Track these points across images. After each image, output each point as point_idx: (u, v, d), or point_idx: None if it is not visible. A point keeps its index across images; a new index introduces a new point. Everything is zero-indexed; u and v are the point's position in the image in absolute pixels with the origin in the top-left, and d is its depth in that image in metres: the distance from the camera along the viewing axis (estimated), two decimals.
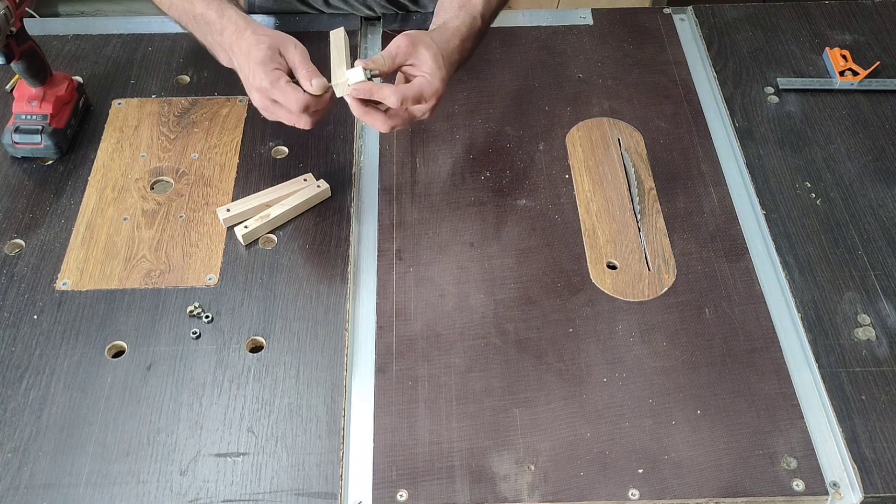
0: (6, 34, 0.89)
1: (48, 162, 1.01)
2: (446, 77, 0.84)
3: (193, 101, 1.07)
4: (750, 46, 1.16)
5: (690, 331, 0.86)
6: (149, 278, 0.89)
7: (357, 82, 0.80)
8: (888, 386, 0.82)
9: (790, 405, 0.81)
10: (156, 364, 0.83)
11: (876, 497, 0.75)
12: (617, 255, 0.92)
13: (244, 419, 0.79)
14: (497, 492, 0.75)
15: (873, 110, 1.07)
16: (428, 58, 0.82)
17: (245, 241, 0.93)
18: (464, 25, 0.89)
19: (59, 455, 0.77)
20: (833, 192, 0.98)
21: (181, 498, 0.75)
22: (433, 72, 0.82)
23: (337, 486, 0.75)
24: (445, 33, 0.87)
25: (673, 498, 0.75)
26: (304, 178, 0.97)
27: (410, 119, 0.84)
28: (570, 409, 0.81)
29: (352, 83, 0.81)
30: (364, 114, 0.83)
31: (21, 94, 0.99)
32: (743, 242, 0.94)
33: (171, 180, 0.99)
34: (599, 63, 1.14)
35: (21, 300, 0.88)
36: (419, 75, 0.83)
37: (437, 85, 0.82)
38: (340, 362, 0.83)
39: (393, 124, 0.83)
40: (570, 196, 0.98)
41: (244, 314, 0.87)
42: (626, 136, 1.05)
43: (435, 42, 0.84)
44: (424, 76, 0.82)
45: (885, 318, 0.87)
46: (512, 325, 0.87)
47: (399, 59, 0.83)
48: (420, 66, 0.83)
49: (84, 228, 0.94)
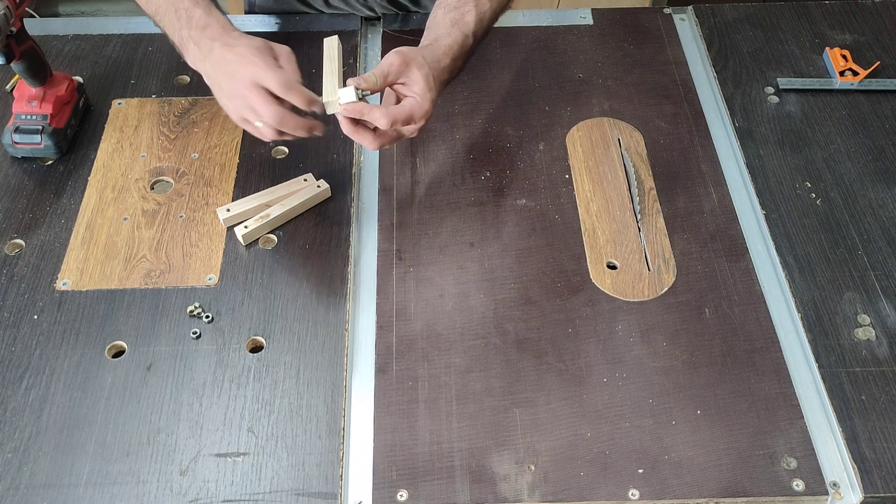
0: (6, 34, 0.89)
1: (48, 162, 1.01)
2: (436, 97, 0.84)
3: (193, 101, 1.07)
4: (750, 46, 1.16)
5: (690, 331, 0.86)
6: (149, 278, 0.90)
7: (348, 102, 0.81)
8: (888, 386, 0.82)
9: (790, 405, 0.81)
10: (156, 364, 0.83)
11: (876, 497, 0.75)
12: (617, 255, 0.92)
13: (244, 419, 0.79)
14: (497, 492, 0.75)
15: (873, 110, 1.07)
16: (419, 78, 0.82)
17: (245, 241, 0.93)
18: (455, 44, 0.88)
19: (59, 455, 0.77)
20: (833, 192, 0.98)
21: (181, 498, 0.75)
22: (423, 93, 0.82)
23: (337, 486, 0.75)
24: (437, 52, 0.87)
25: (673, 498, 0.75)
26: (304, 178, 0.97)
27: (398, 137, 0.85)
28: (570, 409, 0.81)
29: (343, 103, 0.81)
30: (353, 132, 0.83)
31: (21, 94, 0.99)
32: (743, 242, 0.94)
33: (171, 180, 0.99)
34: (599, 63, 1.14)
35: (21, 300, 0.88)
36: (410, 95, 0.83)
37: (426, 107, 0.83)
38: (340, 362, 0.84)
39: (381, 142, 0.84)
40: (570, 196, 0.98)
41: (244, 314, 0.87)
42: (626, 136, 1.05)
43: (427, 61, 0.84)
44: (415, 97, 0.82)
45: (885, 318, 0.87)
46: (512, 325, 0.87)
47: (391, 77, 0.83)
48: (411, 85, 0.83)
49: (84, 228, 0.94)
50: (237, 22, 1.18)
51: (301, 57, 1.12)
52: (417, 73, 0.82)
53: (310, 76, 1.10)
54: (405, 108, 0.82)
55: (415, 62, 0.83)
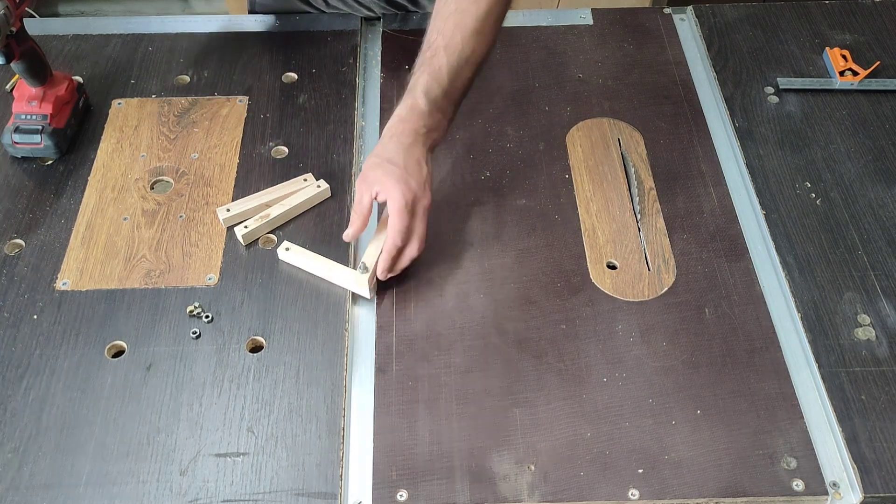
0: (6, 34, 0.89)
1: (48, 162, 1.01)
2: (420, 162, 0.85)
3: (193, 101, 1.07)
4: (750, 46, 1.16)
5: (690, 331, 0.86)
6: (149, 278, 0.89)
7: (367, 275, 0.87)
8: (888, 386, 0.82)
9: (790, 405, 0.81)
10: (156, 364, 0.83)
11: (876, 497, 0.75)
12: (617, 255, 0.92)
13: (244, 419, 0.79)
14: (497, 492, 0.75)
15: (873, 110, 1.07)
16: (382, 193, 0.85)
17: (245, 241, 0.93)
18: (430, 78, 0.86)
19: (59, 455, 0.77)
20: (833, 192, 0.98)
21: (181, 498, 0.75)
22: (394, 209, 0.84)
23: (337, 486, 0.75)
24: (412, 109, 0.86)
25: (673, 498, 0.75)
26: (304, 178, 0.97)
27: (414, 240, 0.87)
28: (570, 409, 0.81)
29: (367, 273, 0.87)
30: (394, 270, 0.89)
31: (21, 94, 0.99)
32: (743, 242, 0.94)
33: (171, 180, 0.99)
34: (599, 63, 1.14)
35: (21, 300, 0.88)
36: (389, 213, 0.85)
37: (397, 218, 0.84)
38: (340, 362, 0.83)
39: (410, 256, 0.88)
40: (570, 196, 0.98)
41: (244, 314, 0.87)
42: (626, 136, 1.05)
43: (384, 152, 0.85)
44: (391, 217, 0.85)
45: (885, 318, 0.87)
46: (512, 325, 0.87)
47: (367, 208, 0.86)
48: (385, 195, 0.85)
49: (84, 228, 0.94)
50: (238, 22, 1.19)
51: (301, 56, 1.13)
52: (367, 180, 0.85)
53: (310, 76, 1.11)
54: (389, 238, 0.85)
55: (364, 182, 0.86)
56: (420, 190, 0.85)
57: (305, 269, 0.90)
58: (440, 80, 0.86)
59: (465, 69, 0.87)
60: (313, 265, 0.89)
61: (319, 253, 0.90)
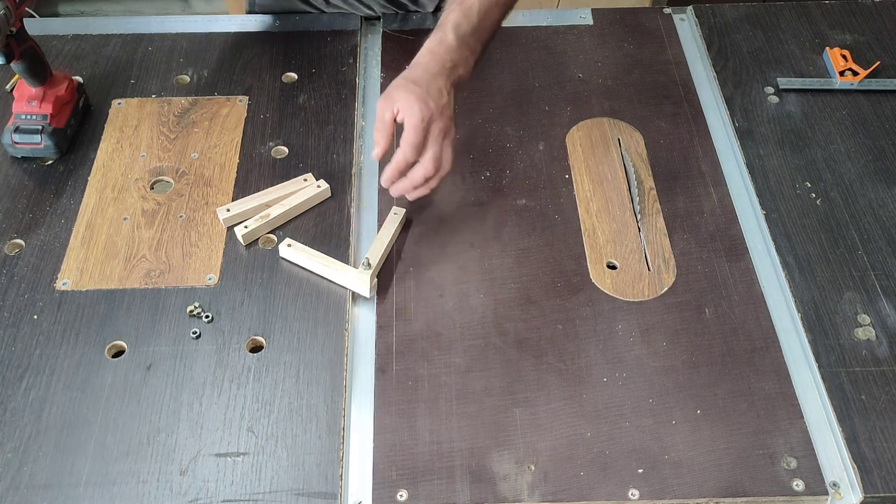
0: (6, 34, 0.89)
1: (48, 162, 1.01)
2: (441, 85, 0.85)
3: (193, 100, 1.07)
4: (750, 46, 1.16)
5: (690, 331, 0.86)
6: (149, 278, 0.89)
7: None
8: (888, 386, 0.82)
9: (790, 405, 0.81)
10: (156, 364, 0.83)
11: (876, 497, 0.75)
12: (617, 255, 0.92)
13: (244, 419, 0.79)
14: (497, 492, 0.75)
15: (873, 110, 1.07)
16: (393, 99, 0.85)
17: (245, 241, 0.93)
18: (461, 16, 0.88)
19: (59, 455, 0.77)
20: (833, 192, 0.98)
21: (181, 498, 0.75)
22: (405, 103, 0.84)
23: (337, 486, 0.75)
24: (438, 40, 0.88)
25: (673, 498, 0.75)
26: (304, 178, 0.97)
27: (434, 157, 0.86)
28: (570, 408, 0.81)
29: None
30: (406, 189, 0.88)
31: (21, 94, 0.99)
32: (743, 242, 0.94)
33: (171, 180, 0.99)
34: (599, 63, 1.14)
35: (21, 300, 0.88)
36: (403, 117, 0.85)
37: (415, 109, 0.83)
38: (340, 362, 0.84)
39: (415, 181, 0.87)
40: (570, 196, 0.98)
41: (244, 314, 0.87)
42: (626, 136, 1.05)
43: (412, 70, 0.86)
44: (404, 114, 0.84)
45: (885, 318, 0.87)
46: (512, 325, 0.87)
47: (387, 124, 0.85)
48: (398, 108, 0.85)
49: (84, 228, 0.94)
50: (237, 21, 1.19)
51: (301, 56, 1.13)
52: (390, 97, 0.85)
53: (310, 76, 1.11)
54: (397, 154, 0.85)
55: (387, 100, 0.85)
56: (437, 112, 0.85)
57: (306, 266, 0.90)
58: (470, 17, 0.88)
59: (494, 10, 0.90)
60: (314, 262, 0.89)
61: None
